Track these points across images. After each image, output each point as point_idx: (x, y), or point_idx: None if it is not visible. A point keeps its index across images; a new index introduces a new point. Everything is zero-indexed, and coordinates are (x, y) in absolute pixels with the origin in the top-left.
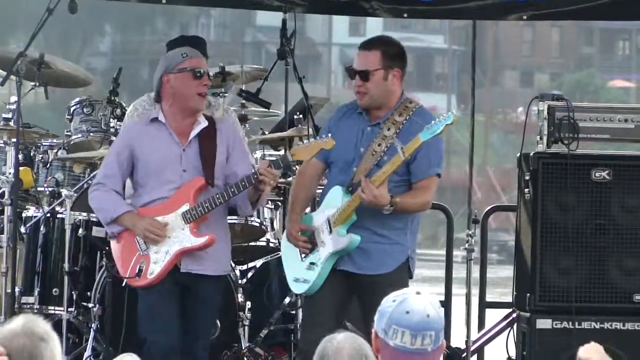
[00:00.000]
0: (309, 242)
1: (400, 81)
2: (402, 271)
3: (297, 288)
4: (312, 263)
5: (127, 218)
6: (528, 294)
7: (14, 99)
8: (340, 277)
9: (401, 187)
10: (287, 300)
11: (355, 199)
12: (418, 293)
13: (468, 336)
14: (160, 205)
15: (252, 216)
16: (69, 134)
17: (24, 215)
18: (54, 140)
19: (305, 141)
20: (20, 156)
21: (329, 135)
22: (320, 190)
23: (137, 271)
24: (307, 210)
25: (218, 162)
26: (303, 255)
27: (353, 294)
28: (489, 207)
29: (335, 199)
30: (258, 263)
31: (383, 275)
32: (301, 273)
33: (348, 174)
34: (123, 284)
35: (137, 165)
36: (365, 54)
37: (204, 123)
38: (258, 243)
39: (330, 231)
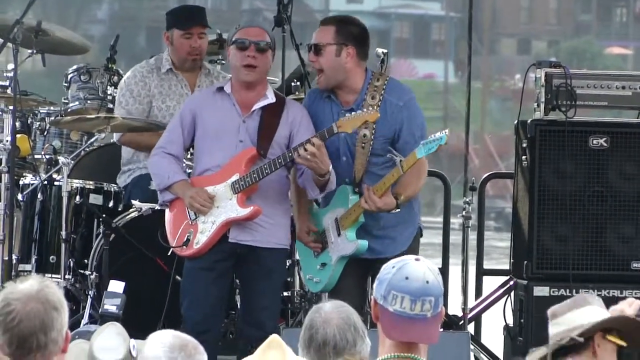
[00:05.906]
0: (319, 241)
1: (354, 60)
2: (415, 242)
3: (312, 287)
4: (323, 264)
5: (180, 186)
6: (525, 262)
7: (10, 66)
8: (356, 264)
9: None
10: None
11: (362, 205)
12: (417, 259)
13: (465, 304)
14: (212, 175)
15: None
16: (66, 101)
17: (21, 182)
18: (51, 108)
19: (351, 113)
20: (17, 124)
21: (374, 109)
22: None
23: (184, 240)
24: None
25: (276, 139)
26: (315, 253)
27: (369, 275)
28: (486, 175)
29: (343, 200)
30: None
31: (399, 254)
32: (314, 272)
33: (341, 165)
34: (169, 253)
35: (197, 131)
36: (321, 28)
37: (271, 99)
38: None
39: (339, 233)
